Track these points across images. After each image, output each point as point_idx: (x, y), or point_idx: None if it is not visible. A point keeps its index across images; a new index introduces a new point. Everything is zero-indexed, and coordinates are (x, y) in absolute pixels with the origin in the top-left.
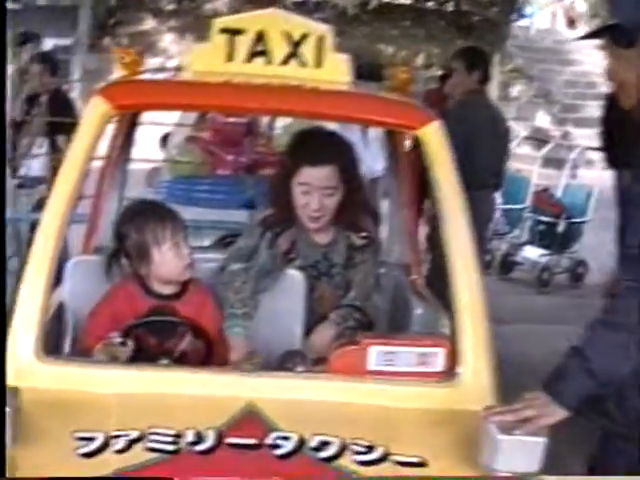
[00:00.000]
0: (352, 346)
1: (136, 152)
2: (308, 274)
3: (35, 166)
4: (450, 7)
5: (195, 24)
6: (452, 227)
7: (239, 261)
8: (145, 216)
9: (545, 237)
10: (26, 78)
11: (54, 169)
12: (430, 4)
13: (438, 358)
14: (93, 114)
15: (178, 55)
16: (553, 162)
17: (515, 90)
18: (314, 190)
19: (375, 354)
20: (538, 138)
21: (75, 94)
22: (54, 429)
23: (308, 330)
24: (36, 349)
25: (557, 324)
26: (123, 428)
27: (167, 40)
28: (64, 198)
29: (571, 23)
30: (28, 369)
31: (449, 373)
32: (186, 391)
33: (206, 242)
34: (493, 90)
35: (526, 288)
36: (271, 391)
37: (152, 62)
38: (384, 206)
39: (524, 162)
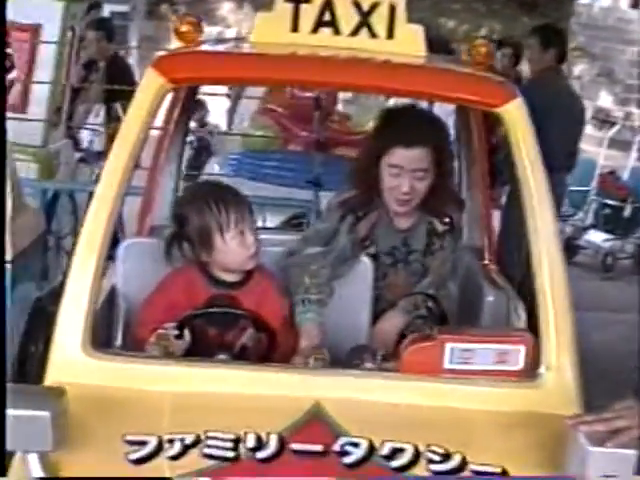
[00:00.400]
0: (427, 342)
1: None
2: (383, 261)
3: (98, 140)
4: None
5: None
6: (536, 211)
7: (317, 244)
8: (207, 200)
9: (610, 221)
10: (83, 45)
11: (110, 137)
12: None
13: (519, 356)
14: (147, 88)
15: (236, 24)
16: (617, 144)
17: (577, 69)
18: (405, 173)
19: (451, 351)
20: (604, 119)
21: (133, 61)
22: (102, 431)
23: (376, 318)
24: (83, 342)
25: (628, 312)
26: (178, 431)
27: (225, 8)
28: (117, 177)
29: (635, 3)
30: (74, 363)
31: (530, 372)
32: (246, 390)
33: (272, 222)
34: None
35: (588, 273)
36: (338, 391)
37: (209, 31)
38: None
39: (589, 143)
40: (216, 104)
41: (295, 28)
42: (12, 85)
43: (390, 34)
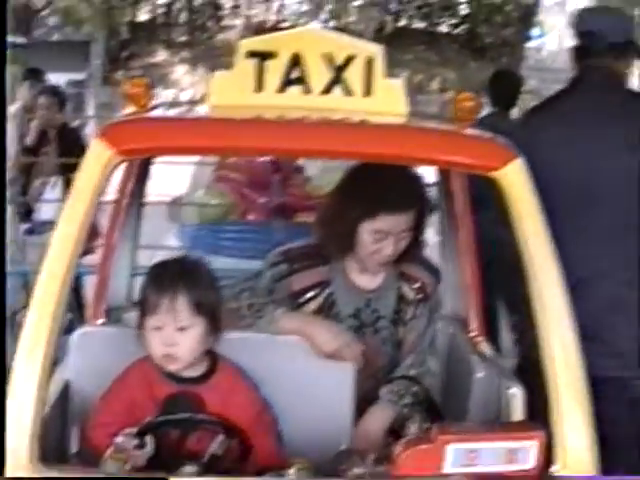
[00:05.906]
0: (424, 445)
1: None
2: (348, 324)
3: (44, 208)
4: (463, 30)
5: (207, 55)
6: (544, 285)
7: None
8: (152, 276)
9: None
10: (32, 116)
11: None
12: (443, 28)
13: (530, 453)
14: (94, 161)
15: (191, 87)
16: None
17: None
18: (391, 237)
19: (453, 453)
20: None
21: (89, 129)
22: None
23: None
24: (31, 457)
25: None
26: None
27: (180, 72)
28: (63, 258)
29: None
30: None
31: (543, 471)
32: None
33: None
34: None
35: None
36: None
37: (165, 94)
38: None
39: None
40: (170, 171)
41: (259, 87)
42: None
43: (367, 91)
